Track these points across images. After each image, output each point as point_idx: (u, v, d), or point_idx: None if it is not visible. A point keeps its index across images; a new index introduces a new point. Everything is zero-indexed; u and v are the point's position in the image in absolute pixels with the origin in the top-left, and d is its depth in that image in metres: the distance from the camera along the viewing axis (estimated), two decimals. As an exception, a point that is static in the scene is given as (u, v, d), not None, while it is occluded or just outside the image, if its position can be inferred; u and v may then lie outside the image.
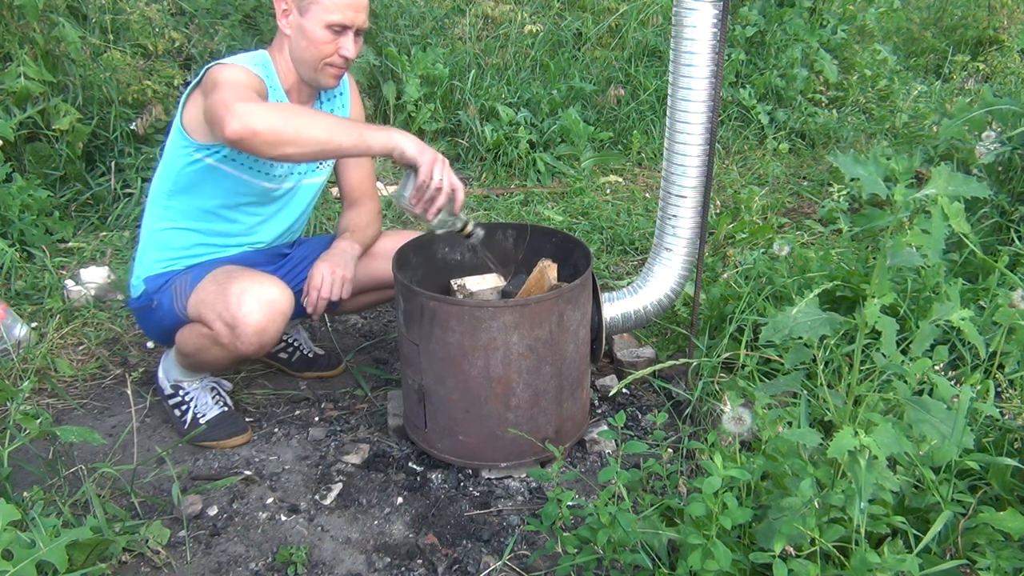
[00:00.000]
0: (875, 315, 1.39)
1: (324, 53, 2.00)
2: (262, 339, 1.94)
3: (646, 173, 4.12)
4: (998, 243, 2.61)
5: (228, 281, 1.97)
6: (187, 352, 2.08)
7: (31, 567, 1.38)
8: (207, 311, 1.96)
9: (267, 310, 1.92)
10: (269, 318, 1.93)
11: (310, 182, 2.22)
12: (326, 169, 2.26)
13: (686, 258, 2.30)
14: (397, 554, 1.83)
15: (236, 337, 1.93)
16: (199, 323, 2.00)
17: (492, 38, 4.82)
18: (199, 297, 2.00)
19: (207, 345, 2.00)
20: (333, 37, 1.98)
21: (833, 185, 3.42)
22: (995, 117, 2.97)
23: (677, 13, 2.02)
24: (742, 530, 1.51)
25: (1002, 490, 1.54)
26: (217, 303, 1.94)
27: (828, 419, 1.67)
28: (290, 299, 1.99)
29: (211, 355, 2.03)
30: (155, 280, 2.12)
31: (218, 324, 1.93)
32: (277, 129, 1.69)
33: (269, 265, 2.27)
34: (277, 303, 1.95)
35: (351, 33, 2.00)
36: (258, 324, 1.92)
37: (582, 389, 2.09)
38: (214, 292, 1.97)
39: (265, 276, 2.00)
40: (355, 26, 1.99)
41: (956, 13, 5.88)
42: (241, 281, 1.95)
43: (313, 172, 2.22)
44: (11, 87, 3.09)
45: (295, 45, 2.02)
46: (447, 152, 4.19)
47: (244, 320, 1.91)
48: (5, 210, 3.04)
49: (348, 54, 2.01)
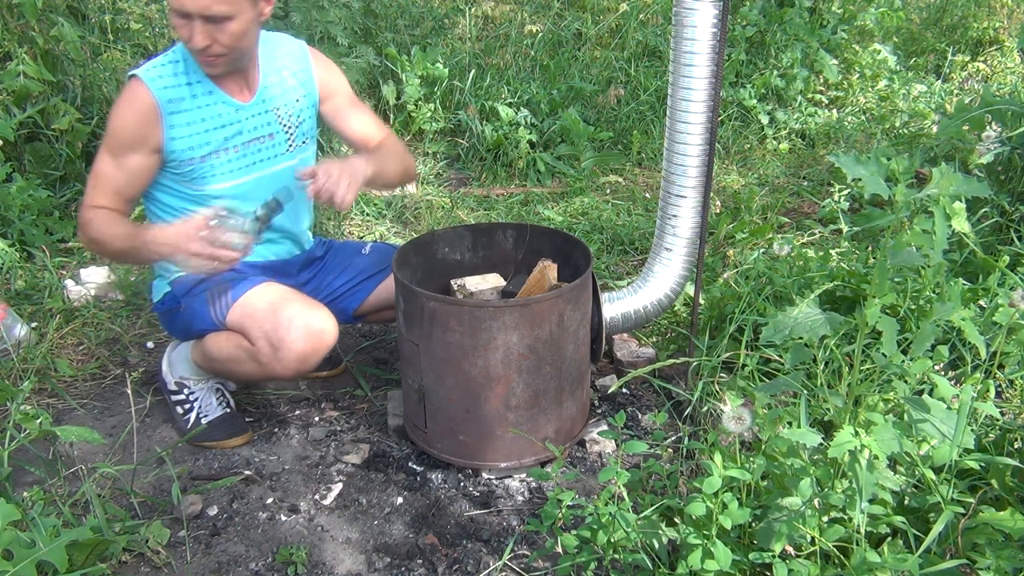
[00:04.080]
0: (875, 315, 1.39)
1: (183, 39, 1.86)
2: (302, 367, 1.95)
3: (646, 173, 4.12)
4: (998, 243, 2.61)
5: (281, 302, 1.96)
6: (217, 358, 2.06)
7: (31, 567, 1.38)
8: (253, 326, 1.94)
9: (315, 340, 1.93)
10: (313, 347, 1.93)
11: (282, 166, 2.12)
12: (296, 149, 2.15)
13: (686, 258, 2.30)
14: (397, 554, 1.83)
15: (278, 360, 1.92)
16: (240, 334, 1.98)
17: (492, 38, 4.82)
18: (246, 310, 1.97)
19: (243, 358, 1.99)
20: (184, 23, 1.82)
21: (833, 185, 3.42)
22: (995, 117, 2.97)
23: (677, 13, 2.02)
24: (742, 530, 1.51)
25: (1002, 490, 1.54)
26: (266, 321, 1.93)
27: (828, 419, 1.67)
28: (336, 332, 1.99)
29: (243, 368, 2.02)
30: (183, 284, 2.10)
31: (262, 342, 1.92)
32: (95, 250, 2.16)
33: (304, 273, 2.28)
34: (325, 334, 1.95)
35: (197, 21, 1.81)
36: (303, 352, 1.92)
37: (582, 389, 2.09)
38: (265, 310, 1.95)
39: (317, 304, 2.01)
40: (197, 13, 1.79)
41: (956, 13, 5.88)
42: (295, 305, 1.95)
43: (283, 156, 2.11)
44: (10, 86, 3.09)
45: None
46: (447, 152, 4.19)
47: (291, 346, 1.90)
48: (5, 210, 3.04)
49: (195, 45, 1.84)
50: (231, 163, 2.04)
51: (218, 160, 2.02)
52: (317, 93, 2.19)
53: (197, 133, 1.98)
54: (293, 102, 2.13)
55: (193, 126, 1.97)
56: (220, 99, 2.01)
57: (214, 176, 2.03)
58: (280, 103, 2.10)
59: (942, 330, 2.04)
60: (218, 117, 2.00)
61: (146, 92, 1.92)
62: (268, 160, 2.11)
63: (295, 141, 2.15)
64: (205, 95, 1.99)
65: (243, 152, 2.06)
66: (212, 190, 2.04)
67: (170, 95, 1.94)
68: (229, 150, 2.03)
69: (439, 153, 4.16)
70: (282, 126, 2.11)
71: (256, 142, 2.07)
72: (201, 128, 1.98)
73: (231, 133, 2.02)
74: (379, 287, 2.29)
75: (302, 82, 2.15)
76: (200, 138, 1.98)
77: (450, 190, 3.85)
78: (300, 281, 2.27)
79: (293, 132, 2.14)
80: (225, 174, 2.04)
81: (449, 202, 3.66)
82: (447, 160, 4.15)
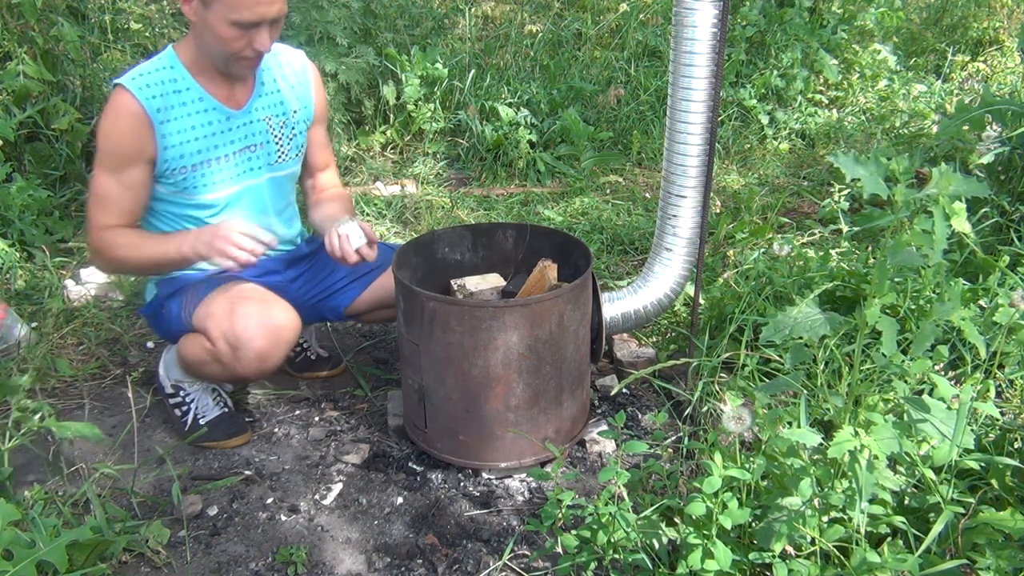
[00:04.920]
0: (875, 315, 1.39)
1: (233, 49, 1.84)
2: (263, 365, 1.93)
3: (646, 173, 4.12)
4: (998, 243, 2.61)
5: (238, 300, 1.94)
6: (187, 360, 2.06)
7: (31, 567, 1.38)
8: (212, 326, 1.92)
9: (272, 336, 1.90)
10: (273, 344, 1.91)
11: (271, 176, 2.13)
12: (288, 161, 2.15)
13: (686, 258, 2.30)
14: (397, 554, 1.83)
15: (237, 359, 1.91)
16: (203, 336, 1.97)
17: (492, 38, 4.82)
18: (207, 310, 1.95)
19: (207, 359, 1.97)
20: (242, 33, 1.81)
21: (833, 185, 3.42)
22: (995, 117, 2.97)
23: (677, 13, 2.02)
24: (742, 530, 1.51)
25: (1002, 490, 1.54)
26: (224, 320, 1.91)
27: (828, 419, 1.67)
28: (296, 326, 1.96)
29: (209, 370, 2.00)
30: (167, 285, 2.10)
31: (221, 342, 1.91)
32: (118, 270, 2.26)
33: (291, 270, 2.26)
34: (283, 330, 1.92)
35: (265, 26, 1.82)
36: (261, 349, 1.90)
37: (582, 389, 2.09)
38: (223, 309, 1.93)
39: (275, 300, 1.97)
40: (267, 20, 1.82)
41: (956, 13, 5.88)
42: (250, 303, 1.93)
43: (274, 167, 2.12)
44: (10, 86, 3.10)
45: (202, 37, 1.87)
46: (447, 152, 4.19)
47: (248, 344, 1.89)
48: (5, 210, 3.04)
49: (262, 48, 1.85)
50: (222, 172, 2.02)
51: (209, 169, 1.99)
52: (313, 113, 2.18)
53: (188, 141, 1.94)
54: (290, 113, 2.11)
55: (184, 134, 1.93)
56: (210, 105, 1.97)
57: (205, 186, 2.00)
58: (272, 113, 2.08)
59: (942, 330, 2.04)
60: (208, 125, 1.97)
61: (133, 102, 1.86)
62: (257, 170, 2.09)
63: (287, 154, 2.13)
64: (195, 102, 1.95)
65: (234, 161, 2.03)
66: (204, 200, 2.01)
67: (158, 104, 1.89)
68: (220, 159, 2.00)
69: (439, 153, 4.16)
70: (273, 136, 2.09)
71: (247, 151, 2.05)
72: (191, 136, 1.95)
73: (222, 142, 2.00)
74: (373, 285, 2.26)
75: (299, 96, 2.14)
76: (191, 146, 1.95)
77: (450, 190, 3.85)
78: (288, 278, 2.26)
79: (284, 144, 2.12)
80: (216, 184, 2.02)
81: (449, 202, 3.66)
82: (447, 160, 4.15)
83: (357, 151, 4.11)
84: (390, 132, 4.20)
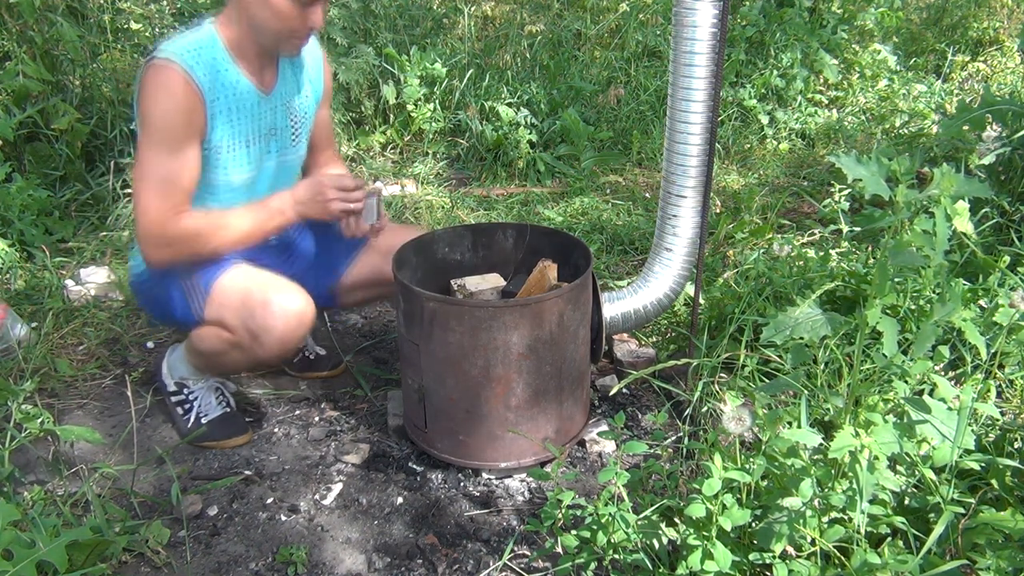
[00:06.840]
0: (876, 315, 1.38)
1: (292, 27, 1.86)
2: (284, 347, 1.95)
3: (646, 173, 4.12)
4: (998, 243, 2.61)
5: (252, 287, 1.95)
6: (203, 352, 2.06)
7: (31, 567, 1.38)
8: (230, 316, 1.93)
9: (292, 321, 1.92)
10: (293, 328, 1.92)
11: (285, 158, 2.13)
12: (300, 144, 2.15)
13: (686, 258, 2.30)
14: (397, 554, 1.83)
15: (260, 345, 1.92)
16: (217, 327, 1.97)
17: (492, 38, 4.82)
18: (220, 301, 1.95)
19: (226, 349, 1.98)
20: (300, 11, 1.83)
21: (833, 185, 3.42)
22: (995, 117, 2.98)
23: (677, 13, 2.02)
24: (742, 531, 1.51)
25: (1002, 490, 1.54)
26: (242, 309, 1.91)
27: (828, 419, 1.67)
28: (313, 309, 1.98)
29: (229, 358, 2.01)
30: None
31: (241, 331, 1.92)
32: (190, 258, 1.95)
33: (280, 256, 2.25)
34: (304, 315, 1.94)
35: (320, 3, 1.86)
36: (283, 334, 1.91)
37: (582, 389, 2.09)
38: (238, 299, 1.93)
39: (289, 285, 1.98)
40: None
41: (956, 13, 5.88)
42: (267, 289, 1.94)
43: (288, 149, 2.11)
44: (10, 86, 3.09)
45: (257, 15, 1.85)
46: (447, 152, 4.19)
47: (270, 331, 1.90)
48: (5, 210, 3.04)
49: (317, 25, 1.88)
50: (249, 154, 2.00)
51: (238, 152, 1.97)
52: (322, 93, 2.19)
53: (230, 123, 1.92)
54: (304, 96, 2.12)
55: (226, 115, 1.91)
56: (247, 88, 1.94)
57: (227, 169, 1.97)
58: (293, 95, 2.08)
59: (942, 330, 2.04)
60: (246, 108, 1.95)
61: (187, 78, 1.81)
62: (275, 152, 2.08)
63: (300, 136, 2.14)
64: (236, 84, 1.92)
65: (260, 145, 2.02)
66: (220, 181, 1.98)
67: (209, 82, 1.85)
68: (251, 142, 1.99)
69: (439, 153, 4.16)
70: (290, 120, 2.09)
71: (270, 134, 2.05)
72: (233, 118, 1.93)
73: (254, 126, 1.99)
74: (362, 258, 2.24)
75: (312, 79, 2.14)
76: (230, 129, 1.93)
77: (450, 190, 3.84)
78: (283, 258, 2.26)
79: (298, 127, 2.12)
80: (242, 165, 2.00)
81: (449, 202, 3.66)
82: (447, 160, 4.15)
83: (357, 151, 4.11)
84: (390, 132, 4.20)
